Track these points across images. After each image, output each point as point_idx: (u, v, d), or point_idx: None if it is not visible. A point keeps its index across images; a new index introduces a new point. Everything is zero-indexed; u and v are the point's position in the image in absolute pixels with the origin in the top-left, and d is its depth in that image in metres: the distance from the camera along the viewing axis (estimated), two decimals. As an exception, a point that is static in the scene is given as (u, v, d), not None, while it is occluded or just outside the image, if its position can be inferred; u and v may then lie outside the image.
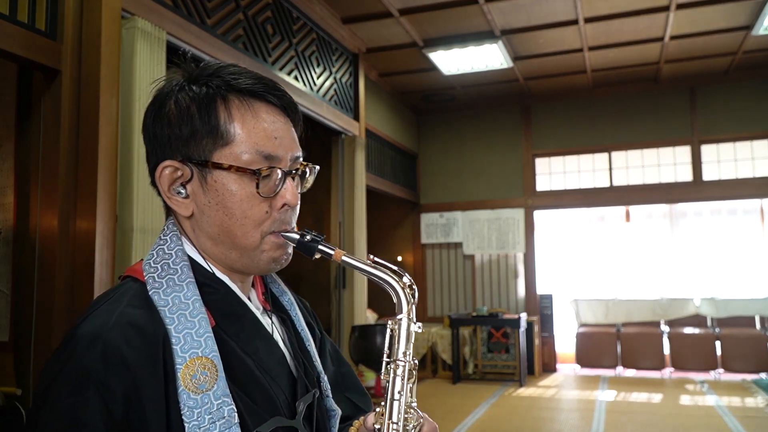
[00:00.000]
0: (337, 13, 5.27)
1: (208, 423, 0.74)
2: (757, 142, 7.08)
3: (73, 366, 0.73)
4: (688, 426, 4.89)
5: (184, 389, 0.75)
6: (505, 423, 5.18)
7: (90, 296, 2.66)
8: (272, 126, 0.85)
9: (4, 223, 2.88)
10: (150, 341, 0.75)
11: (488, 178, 8.03)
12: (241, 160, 0.82)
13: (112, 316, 0.76)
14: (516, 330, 7.05)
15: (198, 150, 0.82)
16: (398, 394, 0.84)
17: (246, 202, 0.83)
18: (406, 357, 0.85)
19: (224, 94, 0.84)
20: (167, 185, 0.85)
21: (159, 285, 0.81)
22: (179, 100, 0.84)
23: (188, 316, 0.79)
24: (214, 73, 0.85)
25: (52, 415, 0.71)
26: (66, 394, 0.71)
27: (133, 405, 0.72)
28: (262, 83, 0.85)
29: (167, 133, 0.83)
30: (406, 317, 0.85)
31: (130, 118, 2.91)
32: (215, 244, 0.86)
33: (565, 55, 6.39)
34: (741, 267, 7.48)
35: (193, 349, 0.77)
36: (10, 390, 2.71)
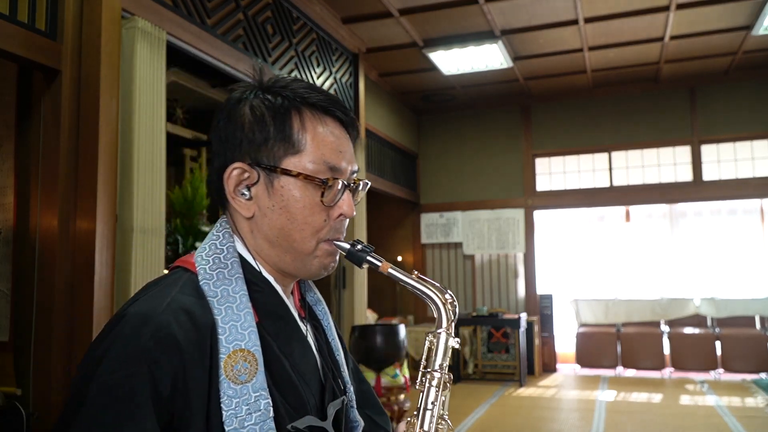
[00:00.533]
0: (337, 13, 5.27)
1: (245, 413, 0.77)
2: (757, 142, 7.08)
3: (125, 342, 0.75)
4: (688, 426, 4.89)
5: (225, 378, 0.78)
6: (505, 423, 5.18)
7: (90, 296, 2.66)
8: (338, 140, 0.90)
9: (4, 223, 2.88)
10: (199, 327, 0.79)
11: (488, 178, 8.03)
12: (309, 169, 0.87)
13: (165, 300, 0.79)
14: (516, 330, 7.05)
15: (268, 155, 0.87)
16: (431, 405, 0.87)
17: (308, 209, 0.87)
18: (442, 369, 0.88)
19: (298, 106, 0.89)
20: (233, 186, 0.88)
21: (210, 277, 0.85)
22: (254, 107, 0.88)
23: (235, 309, 0.82)
24: (288, 85, 0.90)
25: (102, 388, 0.73)
26: (117, 368, 0.73)
27: (179, 386, 0.75)
28: (332, 99, 0.91)
29: (240, 137, 0.87)
30: (445, 332, 0.88)
31: (130, 118, 2.91)
32: (272, 247, 0.89)
33: (565, 55, 6.39)
34: (741, 267, 7.48)
35: (236, 341, 0.80)
36: (10, 390, 2.70)
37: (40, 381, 2.67)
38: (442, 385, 0.87)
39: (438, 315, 0.88)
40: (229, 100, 0.91)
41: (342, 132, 0.92)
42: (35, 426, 2.63)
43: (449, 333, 0.88)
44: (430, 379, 0.87)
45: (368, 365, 4.55)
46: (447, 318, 0.88)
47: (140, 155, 2.93)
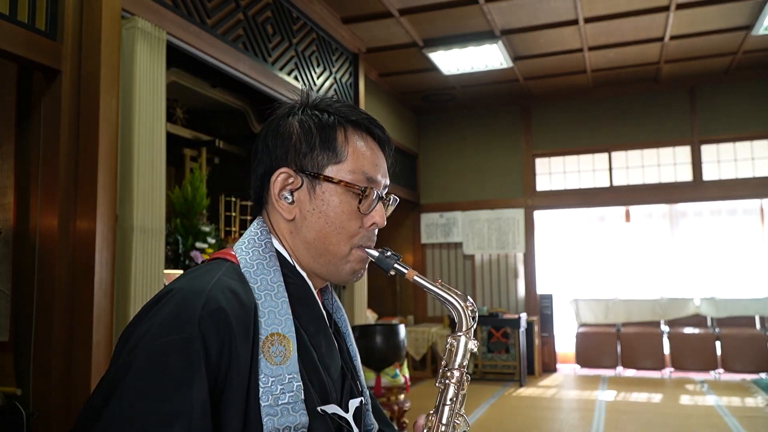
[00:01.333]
0: (337, 13, 5.27)
1: (279, 392, 0.83)
2: (757, 142, 7.08)
3: (177, 312, 0.80)
4: (688, 426, 4.89)
5: (263, 357, 0.84)
6: (505, 423, 5.18)
7: (90, 296, 2.65)
8: (375, 154, 0.99)
9: (4, 223, 2.88)
10: (244, 306, 0.85)
11: (488, 178, 8.03)
12: (349, 178, 0.95)
13: (211, 280, 0.85)
14: (516, 330, 7.05)
15: (313, 163, 0.95)
16: (450, 401, 0.93)
17: (346, 214, 0.95)
18: (461, 369, 0.94)
19: (343, 122, 0.98)
20: (278, 189, 0.96)
21: (250, 266, 0.92)
22: (303, 121, 0.97)
23: (273, 297, 0.89)
24: (333, 104, 1.00)
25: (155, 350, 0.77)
26: (171, 332, 0.78)
27: (225, 356, 0.80)
28: (372, 119, 1.01)
29: (287, 146, 0.96)
30: (465, 335, 0.94)
31: (130, 118, 2.91)
32: (308, 248, 0.96)
33: (565, 55, 6.39)
34: (741, 267, 7.48)
35: (274, 325, 0.87)
36: (10, 390, 2.70)
37: (40, 381, 2.67)
38: (461, 383, 0.93)
39: (459, 320, 0.94)
40: (275, 114, 1.00)
41: (378, 149, 1.01)
42: (35, 426, 2.63)
43: (468, 336, 0.94)
44: (450, 377, 0.93)
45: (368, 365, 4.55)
46: (467, 323, 0.94)
47: (140, 155, 2.93)
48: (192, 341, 0.77)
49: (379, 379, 4.47)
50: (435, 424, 0.92)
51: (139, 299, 2.84)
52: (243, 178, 5.99)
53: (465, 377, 0.94)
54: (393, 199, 1.03)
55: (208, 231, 4.65)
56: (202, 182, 4.78)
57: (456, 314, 0.94)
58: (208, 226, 4.70)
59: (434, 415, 0.93)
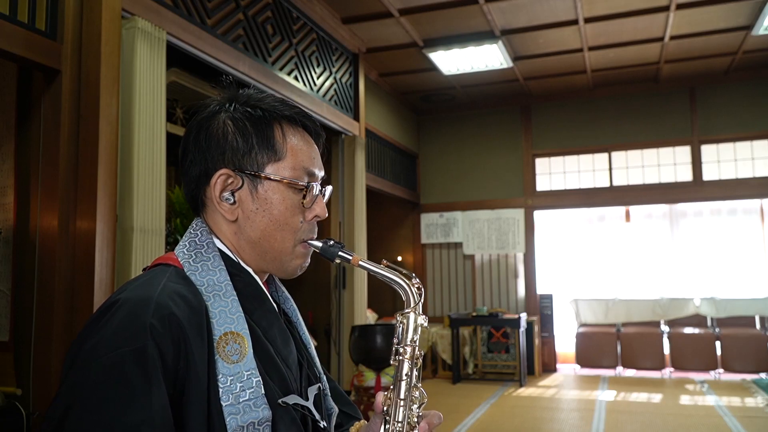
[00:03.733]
0: (337, 13, 5.27)
1: (239, 390, 0.83)
2: (757, 142, 7.08)
3: (126, 322, 0.78)
4: (688, 426, 4.89)
5: (219, 358, 0.84)
6: (505, 423, 5.18)
7: (90, 296, 2.66)
8: (312, 148, 1.00)
9: (4, 223, 2.88)
10: (194, 309, 0.84)
11: (488, 178, 8.03)
12: (290, 175, 0.95)
13: (157, 287, 0.84)
14: (516, 330, 7.05)
15: (252, 163, 0.94)
16: (405, 376, 0.94)
17: (289, 211, 0.95)
18: (413, 343, 0.96)
19: (278, 118, 0.97)
20: (219, 191, 0.94)
21: (194, 268, 0.91)
22: (236, 119, 0.95)
23: (222, 296, 0.89)
24: (263, 99, 0.98)
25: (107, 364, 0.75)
26: (123, 344, 0.76)
27: (182, 361, 0.80)
28: (303, 113, 1.00)
29: (223, 146, 0.94)
30: (413, 312, 0.96)
31: (130, 118, 2.91)
32: (253, 247, 0.96)
33: (565, 55, 6.39)
34: (741, 267, 7.48)
35: (227, 324, 0.87)
36: (10, 390, 2.71)
37: (40, 381, 2.67)
38: (414, 357, 0.95)
39: (406, 298, 0.96)
40: (205, 112, 0.97)
41: (312, 141, 1.01)
42: (35, 426, 2.63)
43: (417, 312, 0.97)
44: (403, 353, 0.95)
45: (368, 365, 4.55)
46: (414, 300, 0.96)
47: (140, 155, 2.93)
48: (145, 350, 0.76)
49: (379, 379, 4.47)
50: (394, 400, 0.94)
51: (139, 299, 2.83)
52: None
53: (417, 352, 0.96)
54: (329, 189, 1.04)
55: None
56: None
57: (403, 292, 0.96)
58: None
59: (392, 392, 0.95)
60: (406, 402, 0.94)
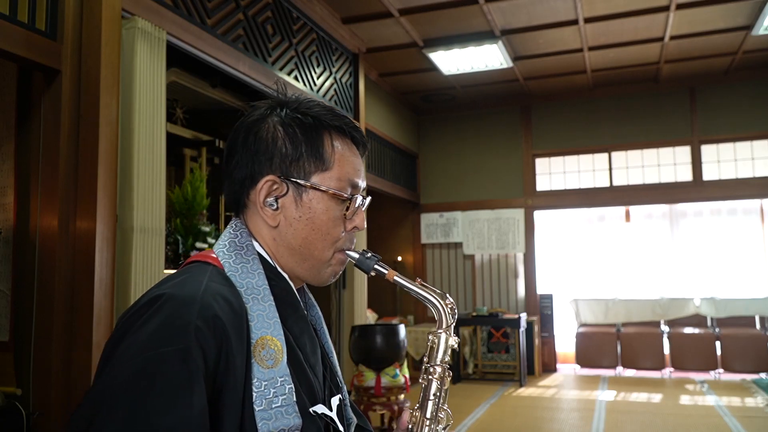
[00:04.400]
0: (337, 13, 5.27)
1: (272, 395, 0.83)
2: (757, 142, 7.08)
3: (171, 320, 0.77)
4: (688, 426, 4.89)
5: (255, 362, 0.84)
6: (505, 423, 5.18)
7: (90, 296, 2.65)
8: (357, 159, 1.00)
9: (4, 223, 2.88)
10: (236, 312, 0.84)
11: (488, 178, 8.03)
12: (335, 186, 0.95)
13: (200, 286, 0.83)
14: (516, 330, 7.05)
15: (299, 171, 0.94)
16: (433, 396, 0.94)
17: (331, 221, 0.95)
18: (443, 363, 0.96)
19: (328, 128, 0.97)
20: (263, 197, 0.94)
21: (235, 269, 0.90)
22: (286, 124, 0.95)
23: (260, 301, 0.89)
24: (313, 107, 0.98)
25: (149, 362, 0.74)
26: (166, 343, 0.75)
27: (221, 366, 0.79)
28: (352, 123, 1.01)
29: (272, 151, 0.94)
30: (445, 332, 0.97)
31: (130, 118, 2.91)
32: (292, 254, 0.96)
33: (565, 55, 6.39)
34: (741, 267, 7.48)
35: (264, 329, 0.86)
36: (10, 390, 2.71)
37: (40, 381, 2.67)
38: (443, 378, 0.95)
39: (439, 318, 0.96)
40: (255, 114, 0.97)
41: (357, 152, 1.01)
42: (35, 426, 2.63)
43: (449, 333, 0.96)
44: (432, 372, 0.95)
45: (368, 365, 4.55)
46: (446, 320, 0.96)
47: (140, 155, 2.93)
48: (189, 351, 0.75)
49: (379, 379, 4.47)
50: (419, 419, 0.93)
51: (139, 299, 2.83)
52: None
53: (446, 373, 0.95)
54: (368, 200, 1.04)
55: (208, 231, 4.65)
56: (202, 182, 4.78)
57: (436, 312, 0.96)
58: (208, 226, 4.70)
59: (418, 410, 0.94)
60: (432, 422, 0.93)
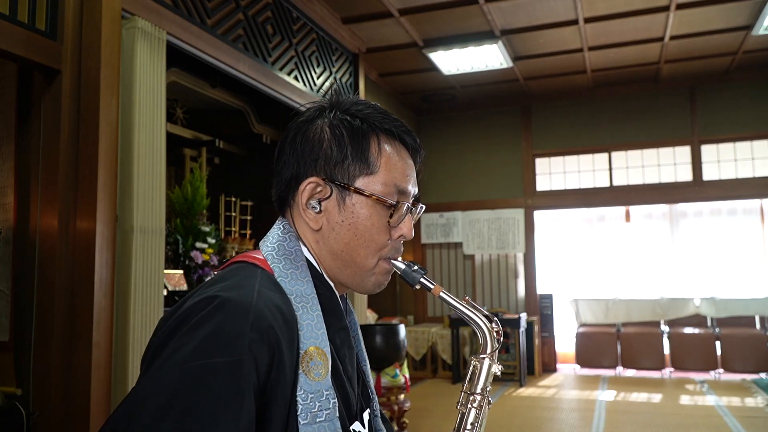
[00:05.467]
0: (337, 13, 5.27)
1: (317, 409, 0.80)
2: (757, 142, 7.08)
3: (225, 327, 0.75)
4: (688, 426, 4.89)
5: (302, 373, 0.81)
6: (505, 423, 5.18)
7: (90, 296, 2.65)
8: (407, 165, 0.96)
9: (4, 223, 2.88)
10: (288, 322, 0.81)
11: (488, 178, 8.03)
12: (380, 191, 0.92)
13: (253, 293, 0.80)
14: (516, 330, 7.05)
15: (344, 174, 0.91)
16: (470, 426, 0.90)
17: (375, 227, 0.92)
18: (484, 393, 0.91)
19: (376, 130, 0.93)
20: (306, 198, 0.92)
21: (285, 275, 0.88)
22: (334, 126, 0.93)
23: (309, 310, 0.86)
24: (364, 109, 0.95)
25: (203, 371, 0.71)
26: (221, 352, 0.73)
27: (272, 376, 0.77)
28: (405, 127, 0.96)
29: (318, 153, 0.92)
30: (489, 358, 0.92)
31: (130, 118, 2.91)
32: (334, 259, 0.93)
33: (565, 55, 6.39)
34: (741, 267, 7.48)
35: (312, 339, 0.84)
36: (10, 390, 2.70)
37: (40, 381, 2.67)
38: (483, 407, 0.91)
39: (483, 342, 0.92)
40: (306, 115, 0.96)
41: (409, 157, 0.97)
42: (35, 426, 2.63)
43: (492, 359, 0.92)
44: (472, 401, 0.90)
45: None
46: (491, 345, 0.92)
47: (140, 155, 2.93)
48: (242, 364, 0.72)
49: (379, 379, 4.47)
50: None
51: (139, 299, 2.84)
52: (243, 178, 5.99)
53: (486, 401, 0.91)
54: (420, 208, 1.01)
55: (208, 231, 4.66)
56: (202, 182, 4.78)
57: (481, 335, 0.92)
58: (208, 226, 4.70)
59: None
60: None
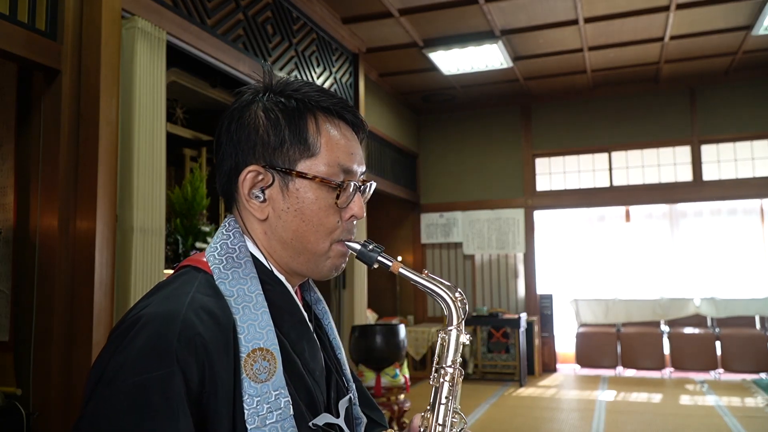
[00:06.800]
0: (337, 13, 5.27)
1: (266, 411, 0.78)
2: (757, 142, 7.08)
3: (150, 343, 0.74)
4: (688, 426, 4.89)
5: (246, 377, 0.79)
6: (505, 423, 5.18)
7: (90, 296, 2.66)
8: (350, 142, 0.91)
9: (4, 223, 2.88)
10: (222, 327, 0.79)
11: (488, 178, 8.03)
12: (324, 172, 0.88)
13: (185, 300, 0.79)
14: (516, 330, 7.05)
15: (283, 159, 0.88)
16: (445, 399, 0.88)
17: (323, 211, 0.88)
18: (455, 365, 0.89)
19: (312, 109, 0.90)
20: (248, 188, 0.89)
21: (225, 276, 0.85)
22: (268, 110, 0.89)
23: (252, 309, 0.83)
24: (300, 89, 0.91)
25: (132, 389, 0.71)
26: (147, 368, 0.72)
27: (207, 385, 0.75)
28: (343, 103, 0.92)
29: (254, 139, 0.88)
30: (456, 329, 0.90)
31: (130, 118, 2.91)
32: (285, 248, 0.90)
33: (565, 55, 6.39)
34: (741, 267, 7.48)
35: (255, 340, 0.81)
36: (10, 390, 2.70)
37: (40, 381, 2.67)
38: (455, 379, 0.89)
39: (449, 313, 0.90)
40: (239, 102, 0.92)
41: (352, 134, 0.93)
42: (35, 426, 2.63)
43: (460, 330, 0.90)
44: (444, 374, 0.89)
45: (368, 365, 4.55)
46: (457, 315, 0.90)
47: (140, 155, 2.93)
48: (171, 376, 0.72)
49: (379, 379, 4.47)
50: (432, 424, 0.88)
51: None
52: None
53: (458, 373, 0.89)
54: (370, 186, 0.96)
55: (208, 231, 4.65)
56: (202, 182, 4.78)
57: (446, 307, 0.90)
58: (208, 226, 4.70)
59: (430, 414, 0.89)
60: (445, 427, 0.88)
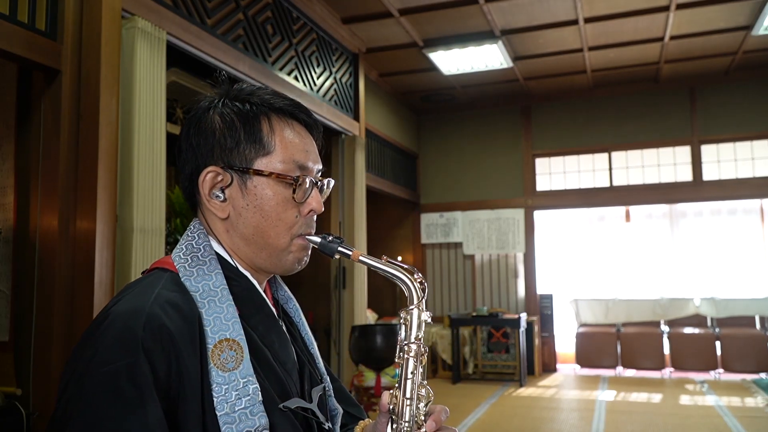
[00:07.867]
0: (337, 13, 5.27)
1: (235, 398, 0.82)
2: (757, 142, 7.08)
3: (117, 335, 0.78)
4: (688, 426, 4.89)
5: (213, 367, 0.83)
6: (505, 423, 5.18)
7: (90, 296, 2.66)
8: (304, 140, 0.97)
9: (4, 223, 2.88)
10: (187, 319, 0.83)
11: (488, 178, 8.03)
12: (279, 169, 0.93)
13: (150, 297, 0.83)
14: (516, 330, 7.05)
15: (240, 158, 0.92)
16: (411, 374, 0.92)
17: (281, 206, 0.93)
18: (418, 340, 0.93)
19: (266, 111, 0.95)
20: (208, 189, 0.93)
21: (190, 273, 0.89)
22: (224, 114, 0.94)
23: (217, 302, 0.87)
24: (253, 93, 0.96)
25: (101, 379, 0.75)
26: (115, 358, 0.76)
27: (173, 374, 0.79)
28: (296, 104, 0.98)
29: (211, 143, 0.93)
30: (417, 308, 0.94)
31: (130, 118, 2.91)
32: (247, 244, 0.94)
33: (565, 55, 6.39)
34: (741, 267, 7.48)
35: (221, 332, 0.85)
36: (10, 390, 2.70)
37: (40, 381, 2.67)
38: (419, 354, 0.93)
39: (409, 293, 0.94)
40: (196, 109, 0.96)
41: (307, 134, 0.98)
42: (35, 426, 2.63)
43: (420, 309, 0.94)
44: (408, 350, 0.93)
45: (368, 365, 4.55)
46: (417, 296, 0.93)
47: (140, 155, 2.92)
48: (138, 365, 0.75)
49: (379, 378, 4.47)
50: (400, 399, 0.91)
51: (139, 299, 2.83)
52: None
53: (422, 349, 0.93)
54: (328, 182, 1.01)
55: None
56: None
57: (405, 288, 0.94)
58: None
59: (398, 390, 0.92)
60: (413, 400, 0.92)
